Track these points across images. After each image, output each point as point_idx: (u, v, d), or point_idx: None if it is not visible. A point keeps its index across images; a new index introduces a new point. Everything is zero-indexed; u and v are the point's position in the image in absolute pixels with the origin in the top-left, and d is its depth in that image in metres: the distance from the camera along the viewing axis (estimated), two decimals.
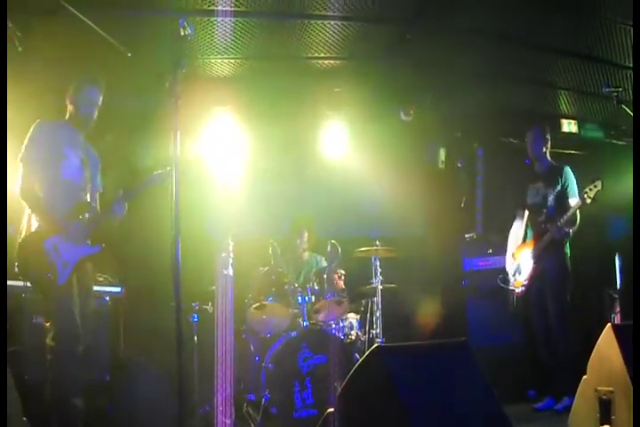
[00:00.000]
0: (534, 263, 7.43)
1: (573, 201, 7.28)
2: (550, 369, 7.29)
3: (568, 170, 7.54)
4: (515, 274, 7.66)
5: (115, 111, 7.67)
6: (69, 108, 5.90)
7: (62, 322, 5.49)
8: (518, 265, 7.64)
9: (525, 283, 7.48)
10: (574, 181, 7.46)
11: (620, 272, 8.02)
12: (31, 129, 5.61)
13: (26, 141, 5.59)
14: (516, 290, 7.61)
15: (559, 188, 7.44)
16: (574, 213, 7.14)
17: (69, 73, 7.16)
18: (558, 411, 6.96)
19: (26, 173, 5.60)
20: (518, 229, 7.88)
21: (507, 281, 7.75)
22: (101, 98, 5.93)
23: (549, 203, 7.46)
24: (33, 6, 5.92)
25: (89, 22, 6.28)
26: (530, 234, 7.68)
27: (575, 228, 7.25)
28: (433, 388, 4.24)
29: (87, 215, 5.82)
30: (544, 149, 7.65)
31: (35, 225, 5.62)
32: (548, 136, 7.69)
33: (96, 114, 5.90)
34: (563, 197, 7.41)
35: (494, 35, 7.25)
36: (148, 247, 7.48)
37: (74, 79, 5.92)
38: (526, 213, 7.80)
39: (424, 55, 7.72)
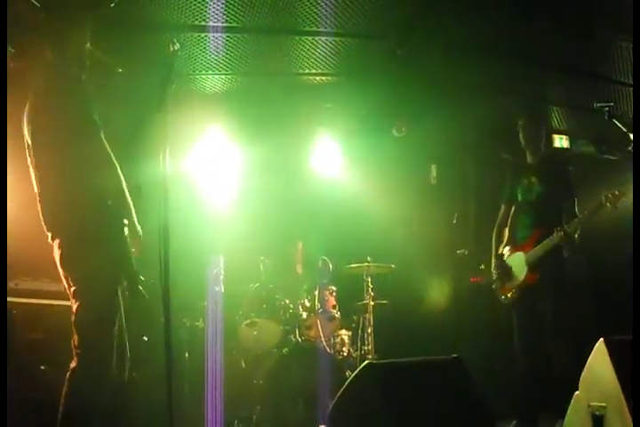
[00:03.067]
0: (529, 270, 6.81)
1: (569, 202, 6.86)
2: (523, 388, 6.82)
3: (565, 166, 7.18)
4: (502, 279, 7.04)
5: (104, 127, 7.65)
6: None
7: None
8: (508, 269, 7.02)
9: (514, 291, 6.90)
10: (570, 179, 7.02)
11: None
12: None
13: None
14: (503, 297, 7.04)
15: (555, 185, 6.91)
16: (588, 219, 6.54)
17: None
18: None
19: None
20: (503, 227, 7.30)
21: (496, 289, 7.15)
22: None
23: (548, 203, 6.90)
24: (25, 22, 5.91)
25: None
26: (521, 235, 7.05)
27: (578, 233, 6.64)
28: (425, 405, 4.21)
29: None
30: (541, 137, 7.10)
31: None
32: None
33: None
34: (559, 196, 6.92)
35: (485, 50, 7.25)
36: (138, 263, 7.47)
37: None
38: (507, 209, 7.26)
39: (416, 70, 7.73)
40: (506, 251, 7.18)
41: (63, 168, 4.63)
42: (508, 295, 6.96)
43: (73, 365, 4.59)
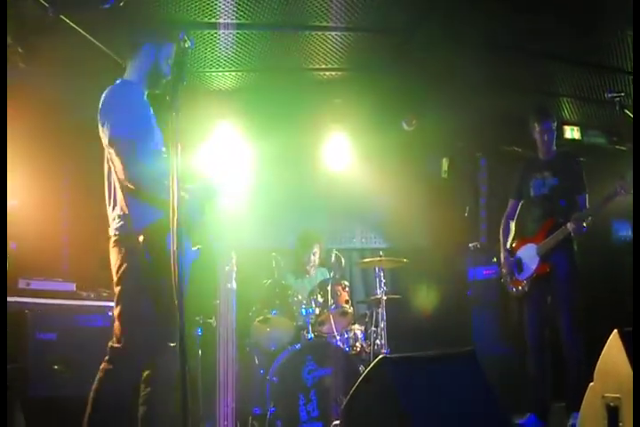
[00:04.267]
0: (541, 260, 6.89)
1: (582, 195, 6.94)
2: (536, 381, 6.91)
3: (578, 161, 7.20)
4: (513, 272, 7.16)
5: None
6: (144, 65, 4.96)
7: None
8: (518, 261, 7.14)
9: (527, 282, 6.97)
10: (582, 174, 7.05)
11: None
12: (112, 94, 4.80)
13: (117, 100, 4.76)
14: (514, 289, 7.15)
15: (568, 179, 6.99)
16: (601, 208, 6.67)
17: (71, 88, 7.20)
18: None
19: (126, 149, 4.56)
20: (510, 220, 7.43)
21: (505, 281, 7.27)
22: None
23: (560, 195, 6.99)
24: (33, 22, 5.92)
25: (89, 37, 6.30)
26: (533, 228, 7.14)
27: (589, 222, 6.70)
28: (438, 399, 4.21)
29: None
30: (554, 132, 7.17)
31: (141, 215, 4.64)
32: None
33: None
34: (571, 189, 7.00)
35: (495, 43, 7.23)
36: None
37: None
38: (516, 203, 7.40)
39: (426, 65, 7.71)
40: (515, 243, 7.26)
41: None
42: (519, 288, 7.03)
43: (105, 366, 4.60)
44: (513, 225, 7.42)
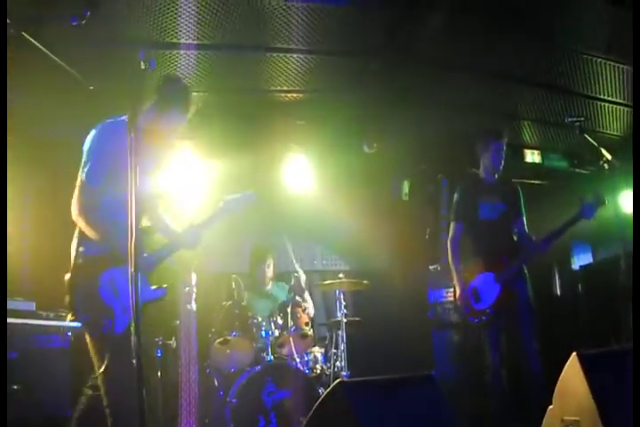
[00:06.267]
0: (503, 290, 6.67)
1: (522, 222, 6.91)
2: (497, 403, 6.72)
3: (518, 187, 7.15)
4: (469, 302, 6.83)
5: (77, 144, 7.60)
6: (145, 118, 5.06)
7: (116, 380, 4.58)
8: (474, 291, 6.85)
9: (488, 311, 6.71)
10: (521, 199, 7.04)
11: None
12: (95, 131, 4.98)
13: (91, 144, 4.92)
14: (474, 320, 6.82)
15: (512, 205, 6.95)
16: (564, 231, 6.54)
17: (31, 104, 7.15)
18: None
19: (87, 186, 4.67)
20: (458, 244, 7.11)
21: (463, 312, 6.97)
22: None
23: (510, 220, 6.93)
24: None
25: (51, 55, 6.26)
26: (485, 253, 6.89)
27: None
28: (397, 423, 4.19)
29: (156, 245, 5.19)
30: (502, 154, 7.01)
31: (88, 250, 4.66)
32: None
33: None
34: (515, 216, 6.95)
35: (456, 66, 7.28)
36: None
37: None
38: (460, 226, 7.13)
39: (387, 88, 7.73)
40: (468, 271, 7.02)
41: None
42: (482, 317, 6.80)
43: None
44: (459, 249, 7.15)
